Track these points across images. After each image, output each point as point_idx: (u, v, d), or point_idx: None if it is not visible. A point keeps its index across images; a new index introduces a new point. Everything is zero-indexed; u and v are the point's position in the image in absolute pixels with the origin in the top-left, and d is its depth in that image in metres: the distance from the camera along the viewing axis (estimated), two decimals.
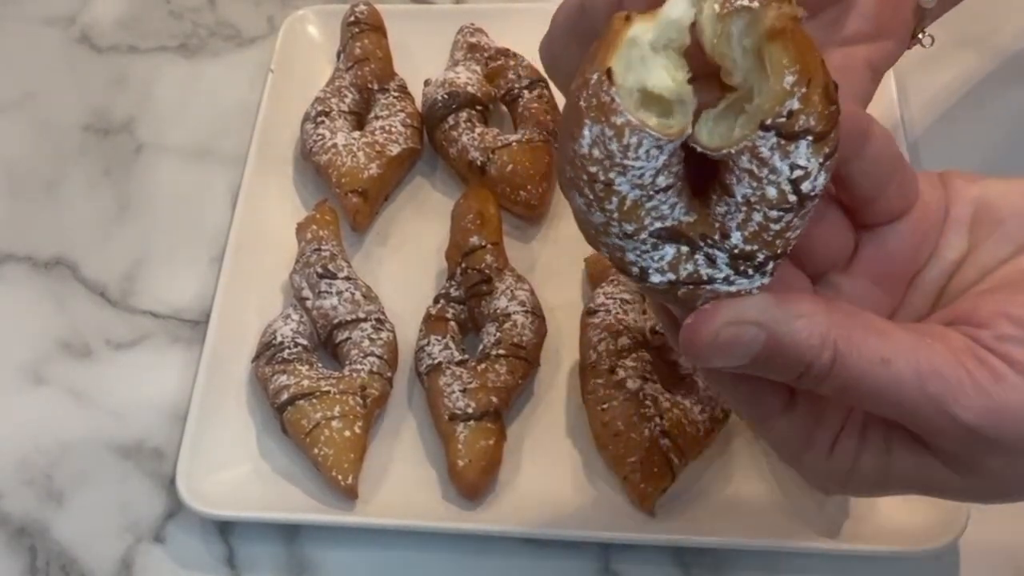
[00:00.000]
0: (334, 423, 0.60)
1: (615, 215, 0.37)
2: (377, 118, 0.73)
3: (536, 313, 0.64)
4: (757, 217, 0.37)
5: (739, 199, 0.37)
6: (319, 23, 0.80)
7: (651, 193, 0.36)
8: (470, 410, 0.60)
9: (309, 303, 0.65)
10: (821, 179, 0.36)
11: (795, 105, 0.35)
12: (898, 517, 0.57)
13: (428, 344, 0.64)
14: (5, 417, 0.66)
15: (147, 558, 0.61)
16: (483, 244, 0.66)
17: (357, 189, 0.70)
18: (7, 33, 0.86)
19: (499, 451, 0.60)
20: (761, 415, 0.41)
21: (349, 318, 0.64)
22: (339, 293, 0.65)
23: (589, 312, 0.63)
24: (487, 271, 0.65)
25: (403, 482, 0.61)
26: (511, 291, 0.64)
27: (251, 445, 0.63)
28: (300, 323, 0.65)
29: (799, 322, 0.37)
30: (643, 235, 0.37)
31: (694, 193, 0.38)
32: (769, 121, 0.35)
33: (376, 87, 0.75)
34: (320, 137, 0.72)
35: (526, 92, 0.73)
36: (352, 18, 0.77)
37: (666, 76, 0.36)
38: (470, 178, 0.71)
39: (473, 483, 0.59)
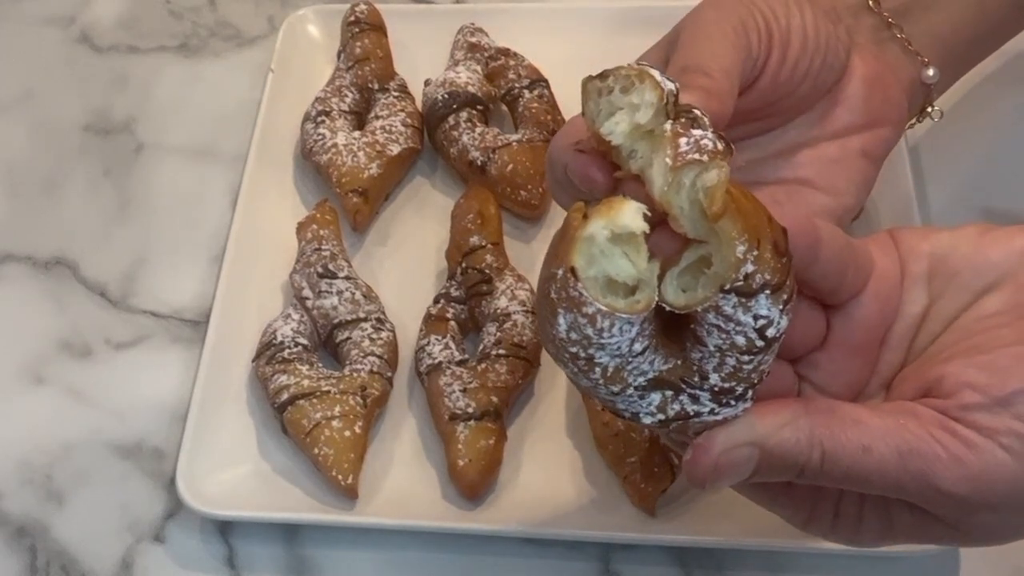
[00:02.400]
0: (334, 423, 0.60)
1: (600, 381, 0.40)
2: (377, 118, 0.73)
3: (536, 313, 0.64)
4: (730, 361, 0.40)
5: (711, 348, 0.40)
6: (319, 23, 0.80)
7: (630, 359, 0.39)
8: (470, 410, 0.60)
9: (309, 303, 0.65)
10: (783, 322, 0.39)
11: (749, 268, 0.38)
12: None
13: (428, 344, 0.64)
14: (5, 417, 0.66)
15: (147, 558, 0.61)
16: (483, 244, 0.66)
17: (357, 189, 0.70)
18: (7, 33, 0.86)
19: (499, 451, 0.60)
20: (766, 499, 0.45)
21: (349, 318, 0.64)
22: (339, 293, 0.65)
23: None
24: (487, 271, 0.65)
25: (403, 482, 0.61)
26: (511, 291, 0.64)
27: (251, 445, 0.63)
28: (300, 323, 0.65)
29: (785, 431, 0.41)
30: (628, 391, 0.40)
31: (670, 334, 0.41)
32: (728, 286, 0.38)
33: (376, 87, 0.75)
34: (320, 137, 0.72)
35: (526, 92, 0.73)
36: (352, 18, 0.77)
37: (627, 264, 0.39)
38: (470, 178, 0.71)
39: (473, 483, 0.59)
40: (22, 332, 0.70)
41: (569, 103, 0.74)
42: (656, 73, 0.39)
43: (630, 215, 0.39)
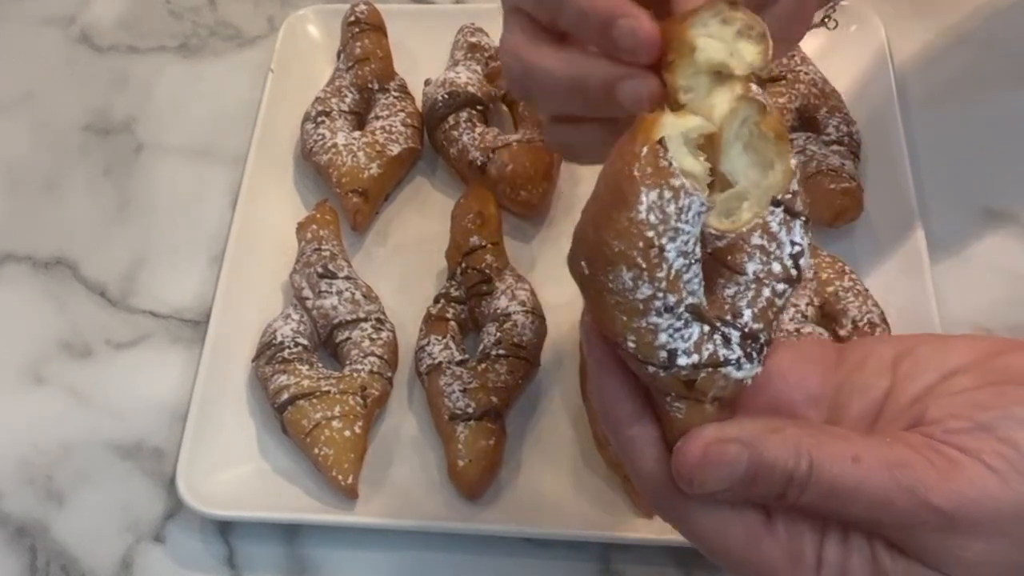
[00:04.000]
0: (334, 423, 0.60)
1: (663, 284, 0.38)
2: (377, 118, 0.73)
3: (536, 313, 0.64)
4: (766, 292, 0.40)
5: (750, 276, 0.39)
6: (319, 23, 0.80)
7: (691, 262, 0.39)
8: (470, 410, 0.60)
9: (309, 303, 0.65)
10: (809, 260, 0.40)
11: (794, 186, 0.39)
12: None
13: (428, 344, 0.64)
14: (5, 417, 0.66)
15: (147, 558, 0.61)
16: (483, 244, 0.66)
17: (357, 189, 0.70)
18: (7, 33, 0.86)
19: (499, 451, 0.60)
20: (744, 539, 0.42)
21: (349, 318, 0.64)
22: (339, 293, 0.65)
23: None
24: (487, 271, 0.65)
25: (403, 482, 0.61)
26: (511, 291, 0.64)
27: (251, 445, 0.63)
28: (300, 323, 0.65)
29: (774, 436, 0.40)
30: (680, 309, 0.39)
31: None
32: (779, 197, 0.39)
33: (376, 87, 0.75)
34: (320, 137, 0.72)
35: None
36: (352, 18, 0.77)
37: (695, 162, 0.39)
38: (470, 178, 0.71)
39: (473, 483, 0.59)
40: (22, 332, 0.70)
41: None
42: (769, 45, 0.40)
43: (697, 122, 0.39)
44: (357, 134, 0.72)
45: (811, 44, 0.74)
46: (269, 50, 0.79)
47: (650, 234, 0.38)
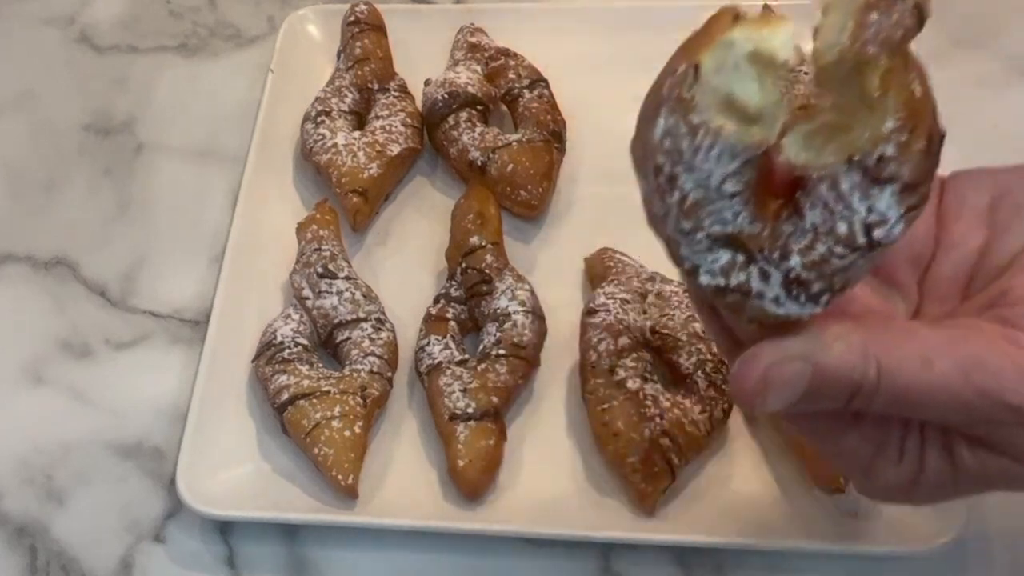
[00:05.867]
0: (334, 423, 0.60)
1: (674, 211, 0.36)
2: (377, 118, 0.73)
3: (536, 313, 0.64)
4: (821, 248, 0.36)
5: (807, 224, 0.36)
6: (319, 23, 0.80)
7: (714, 197, 0.35)
8: (470, 410, 0.60)
9: (309, 303, 0.65)
10: (898, 229, 0.35)
11: (888, 151, 0.34)
12: (898, 517, 0.57)
13: (428, 344, 0.64)
14: (5, 417, 0.66)
15: (147, 558, 0.61)
16: (483, 244, 0.66)
17: (357, 189, 0.70)
18: (7, 33, 0.86)
19: (499, 451, 0.60)
20: (832, 433, 0.41)
21: (349, 318, 0.64)
22: (339, 293, 0.65)
23: (589, 312, 0.63)
24: (487, 271, 0.65)
25: (403, 482, 0.61)
26: (511, 291, 0.64)
27: (251, 445, 0.63)
28: (300, 323, 0.65)
29: (837, 345, 0.37)
30: (699, 235, 0.36)
31: (767, 197, 0.36)
32: (857, 157, 0.34)
33: (376, 87, 0.75)
34: (320, 137, 0.72)
35: (526, 92, 0.73)
36: (352, 18, 0.77)
37: (756, 89, 0.34)
38: (470, 178, 0.71)
39: (473, 483, 0.59)
40: (22, 332, 0.70)
41: (569, 103, 0.74)
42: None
43: (782, 37, 0.34)
44: (357, 134, 0.72)
45: (810, 45, 0.74)
46: (269, 50, 0.79)
47: (661, 159, 0.35)
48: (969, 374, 0.37)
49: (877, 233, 0.35)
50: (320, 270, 0.65)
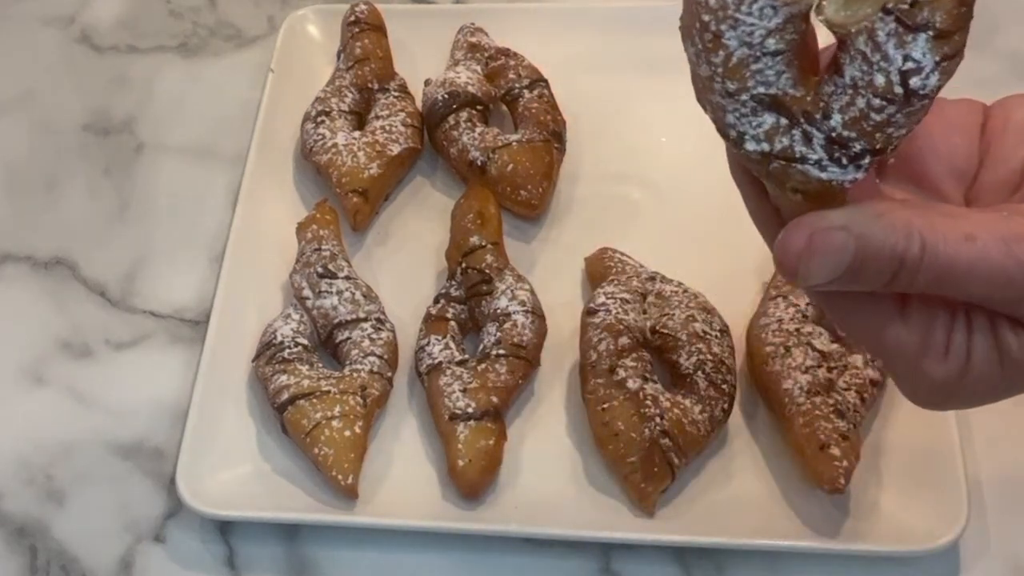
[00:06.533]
0: (334, 423, 0.60)
1: (719, 70, 0.37)
2: (377, 118, 0.73)
3: (536, 313, 0.64)
4: (860, 103, 0.36)
5: (847, 80, 0.36)
6: (319, 23, 0.80)
7: (759, 54, 0.36)
8: (470, 410, 0.60)
9: (309, 303, 0.65)
10: (934, 79, 0.36)
11: None
12: (898, 517, 0.57)
13: (428, 344, 0.64)
14: (5, 417, 0.66)
15: (147, 558, 0.61)
16: (483, 244, 0.66)
17: (357, 189, 0.70)
18: (7, 33, 0.86)
19: (499, 451, 0.60)
20: (878, 324, 0.41)
21: (349, 318, 0.64)
22: (339, 293, 0.65)
23: (589, 312, 0.63)
24: (487, 271, 0.65)
25: (403, 482, 0.61)
26: (511, 291, 0.64)
27: (251, 445, 0.63)
28: (300, 323, 0.65)
29: (882, 220, 0.38)
30: (744, 96, 0.37)
31: (810, 63, 0.37)
32: (891, 5, 0.35)
33: (376, 87, 0.75)
34: (320, 137, 0.72)
35: (526, 92, 0.73)
36: (352, 18, 0.77)
37: None
38: (470, 178, 0.71)
39: (473, 483, 0.59)
40: (22, 332, 0.70)
41: (569, 103, 0.74)
42: None
43: None
44: (357, 134, 0.72)
45: None
46: (269, 50, 0.79)
47: (706, 17, 0.36)
48: (1012, 248, 0.37)
49: (913, 81, 0.36)
50: (320, 270, 0.65)
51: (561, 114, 0.73)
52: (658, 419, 0.59)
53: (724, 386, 0.60)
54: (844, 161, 0.37)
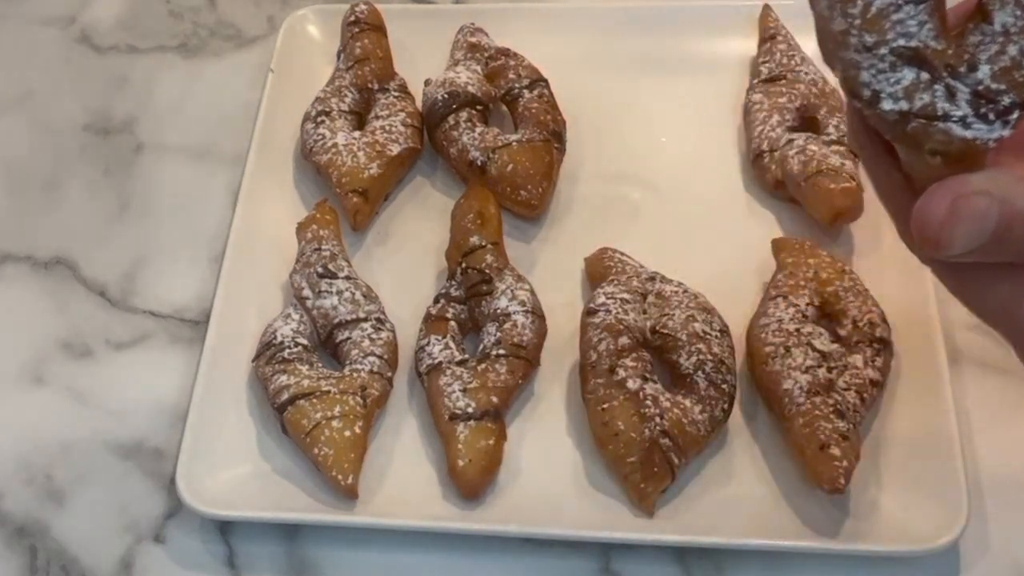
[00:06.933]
0: (334, 423, 0.60)
1: (857, 21, 0.35)
2: (377, 118, 0.73)
3: (536, 313, 0.64)
4: (1012, 50, 0.35)
5: (997, 27, 0.35)
6: (319, 23, 0.80)
7: (900, 2, 0.35)
8: (470, 410, 0.60)
9: (309, 303, 0.65)
10: None
11: None
12: (898, 517, 0.57)
13: (428, 344, 0.64)
14: (5, 417, 0.66)
15: (147, 558, 0.61)
16: (483, 244, 0.66)
17: (357, 189, 0.70)
18: (7, 33, 0.86)
19: (499, 451, 0.60)
20: (1017, 300, 0.39)
21: (349, 318, 0.64)
22: (339, 293, 0.65)
23: (589, 312, 0.63)
24: (487, 271, 0.65)
25: (403, 482, 0.61)
26: (511, 291, 0.64)
27: (251, 445, 0.63)
28: (300, 323, 0.65)
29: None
30: (883, 50, 0.35)
31: (948, 27, 0.36)
32: None
33: (376, 87, 0.75)
34: (320, 137, 0.72)
35: (526, 92, 0.73)
36: (352, 18, 0.77)
37: None
38: (470, 178, 0.71)
39: (473, 483, 0.59)
40: (22, 332, 0.70)
41: (569, 103, 0.74)
42: None
43: None
44: (357, 134, 0.72)
45: (811, 45, 0.74)
46: (269, 50, 0.79)
47: None
48: None
49: None
50: (320, 270, 0.66)
51: (561, 114, 0.73)
52: (658, 419, 0.59)
53: (724, 386, 0.60)
54: (991, 116, 0.36)
